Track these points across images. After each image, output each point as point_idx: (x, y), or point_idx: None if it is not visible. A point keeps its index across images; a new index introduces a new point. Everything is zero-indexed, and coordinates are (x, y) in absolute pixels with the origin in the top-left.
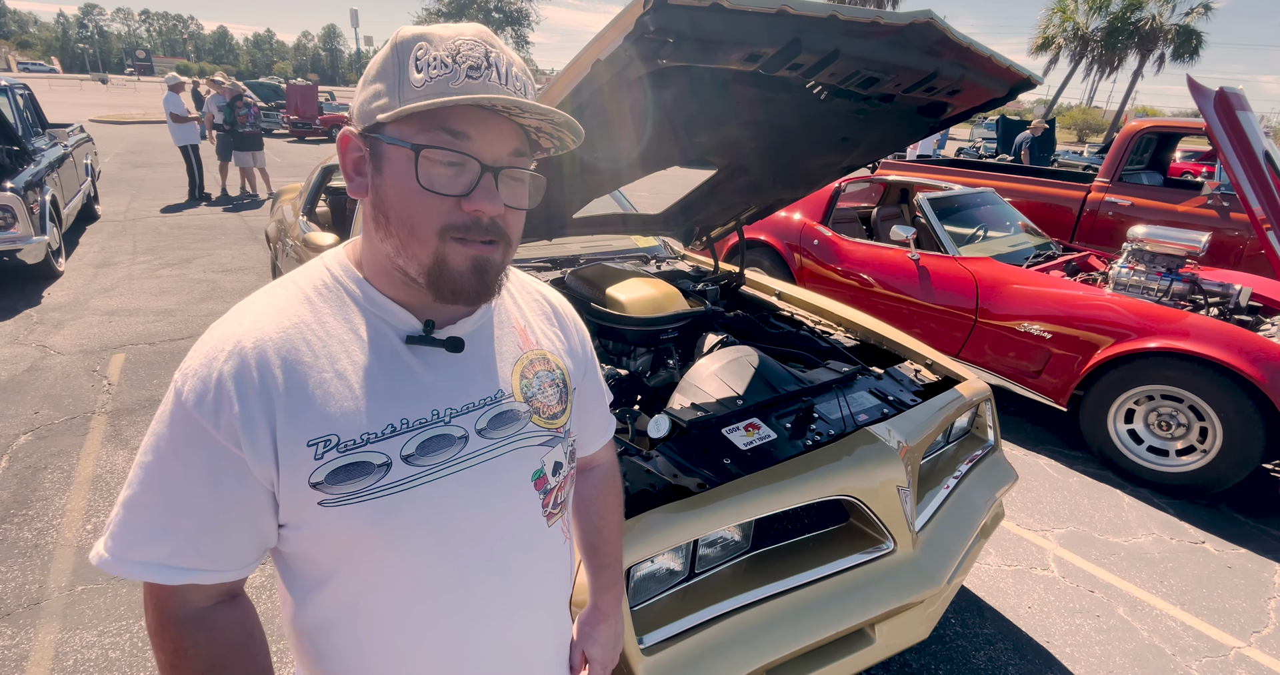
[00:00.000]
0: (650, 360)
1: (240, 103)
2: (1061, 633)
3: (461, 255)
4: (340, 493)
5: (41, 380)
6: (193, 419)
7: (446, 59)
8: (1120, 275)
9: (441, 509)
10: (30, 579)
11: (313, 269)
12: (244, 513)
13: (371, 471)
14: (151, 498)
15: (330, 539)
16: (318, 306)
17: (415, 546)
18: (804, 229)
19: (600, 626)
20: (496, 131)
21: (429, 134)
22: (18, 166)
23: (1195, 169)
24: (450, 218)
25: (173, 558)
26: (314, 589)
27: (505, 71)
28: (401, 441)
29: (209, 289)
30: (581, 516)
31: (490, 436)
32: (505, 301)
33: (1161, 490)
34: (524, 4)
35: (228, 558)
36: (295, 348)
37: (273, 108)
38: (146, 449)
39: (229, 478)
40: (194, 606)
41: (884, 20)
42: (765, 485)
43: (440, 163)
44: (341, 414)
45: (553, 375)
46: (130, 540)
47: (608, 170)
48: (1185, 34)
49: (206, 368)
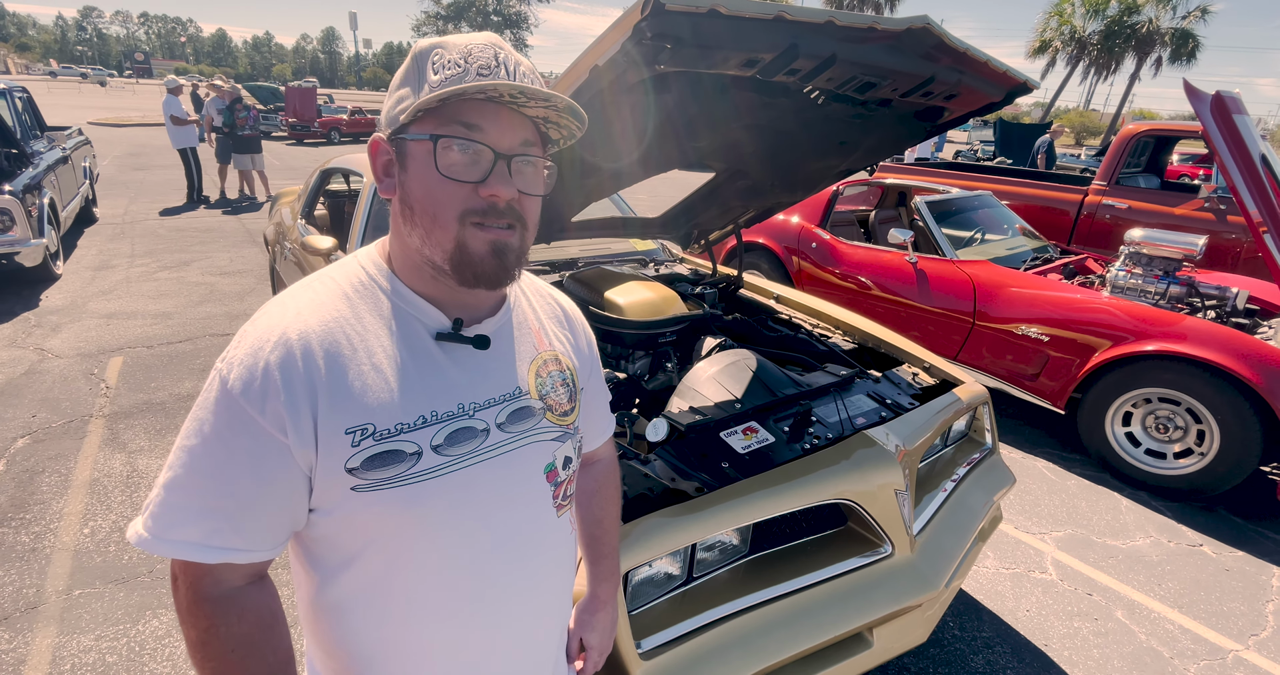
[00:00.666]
0: (648, 363)
1: (239, 106)
2: (1060, 636)
3: (480, 239)
4: (374, 478)
5: (39, 383)
6: (238, 405)
7: (459, 60)
8: (1118, 278)
9: (465, 497)
10: (28, 583)
11: (348, 267)
12: (282, 496)
13: (404, 459)
14: (194, 480)
15: (359, 523)
16: (355, 302)
17: (441, 531)
18: (802, 232)
19: (599, 614)
20: (507, 122)
21: (446, 127)
22: (16, 169)
23: (1192, 172)
24: (469, 203)
25: (211, 538)
26: (337, 571)
27: (514, 70)
28: (432, 432)
29: (207, 292)
30: (583, 508)
31: (509, 431)
32: (521, 304)
33: (1159, 493)
34: (523, 7)
35: (263, 538)
36: (336, 341)
37: (271, 110)
38: (190, 433)
39: (271, 462)
40: (228, 585)
41: (881, 26)
42: (763, 489)
43: (456, 152)
44: (378, 404)
45: (564, 375)
46: (171, 520)
47: (606, 173)
48: (1182, 37)
49: (253, 357)
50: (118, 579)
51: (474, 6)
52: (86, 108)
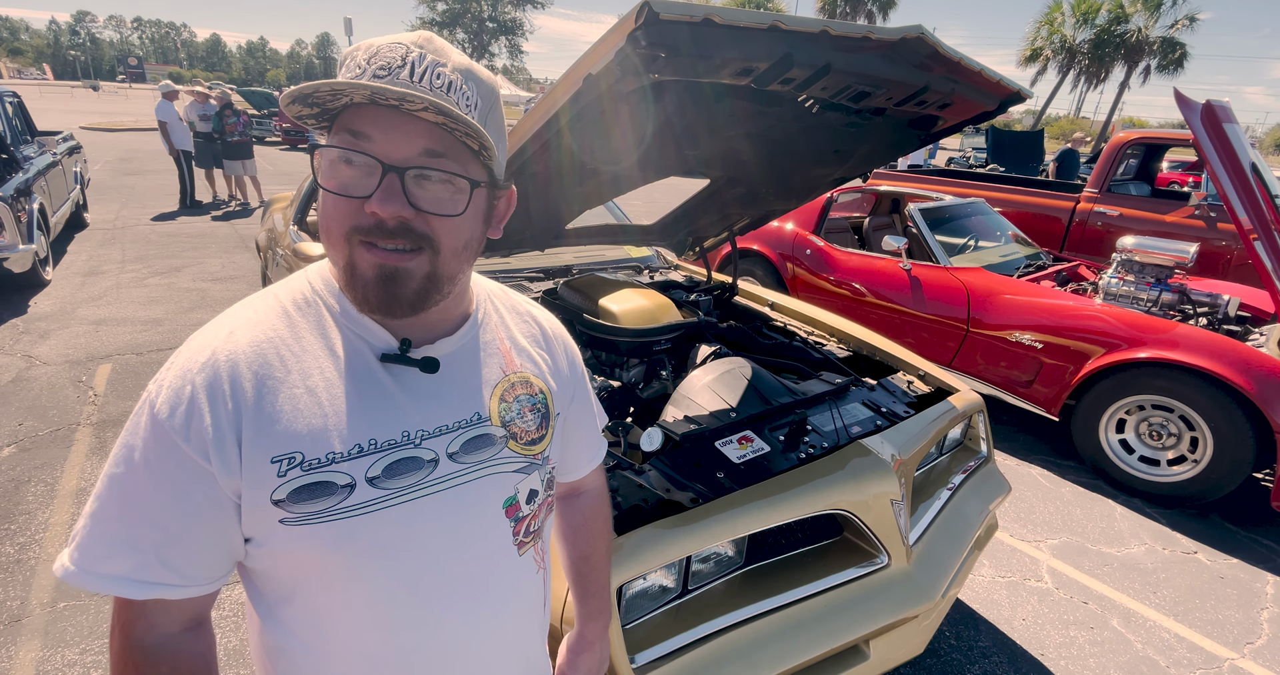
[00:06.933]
0: (643, 371)
1: (229, 111)
2: (1056, 645)
3: (367, 261)
4: (302, 512)
5: (26, 391)
6: (163, 431)
7: (364, 61)
8: (1110, 285)
9: (405, 534)
10: (12, 595)
11: (295, 282)
12: (212, 527)
13: (335, 492)
14: (119, 510)
15: (290, 558)
16: (295, 321)
17: (375, 573)
18: (796, 239)
19: (584, 655)
20: (401, 131)
21: (335, 136)
22: (6, 174)
23: (1182, 179)
24: (355, 220)
25: (139, 572)
26: (275, 608)
27: (424, 71)
28: (368, 463)
29: (198, 298)
30: (569, 544)
31: (462, 461)
32: (492, 321)
33: (1153, 500)
34: (518, 13)
35: (195, 571)
36: (268, 362)
37: (265, 115)
38: (116, 460)
39: (197, 491)
40: (161, 632)
41: (875, 35)
42: (759, 500)
43: (344, 164)
44: (308, 431)
45: (534, 399)
46: (97, 553)
47: (601, 180)
48: (1170, 46)
49: (180, 379)
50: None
51: (469, 13)
52: (79, 112)
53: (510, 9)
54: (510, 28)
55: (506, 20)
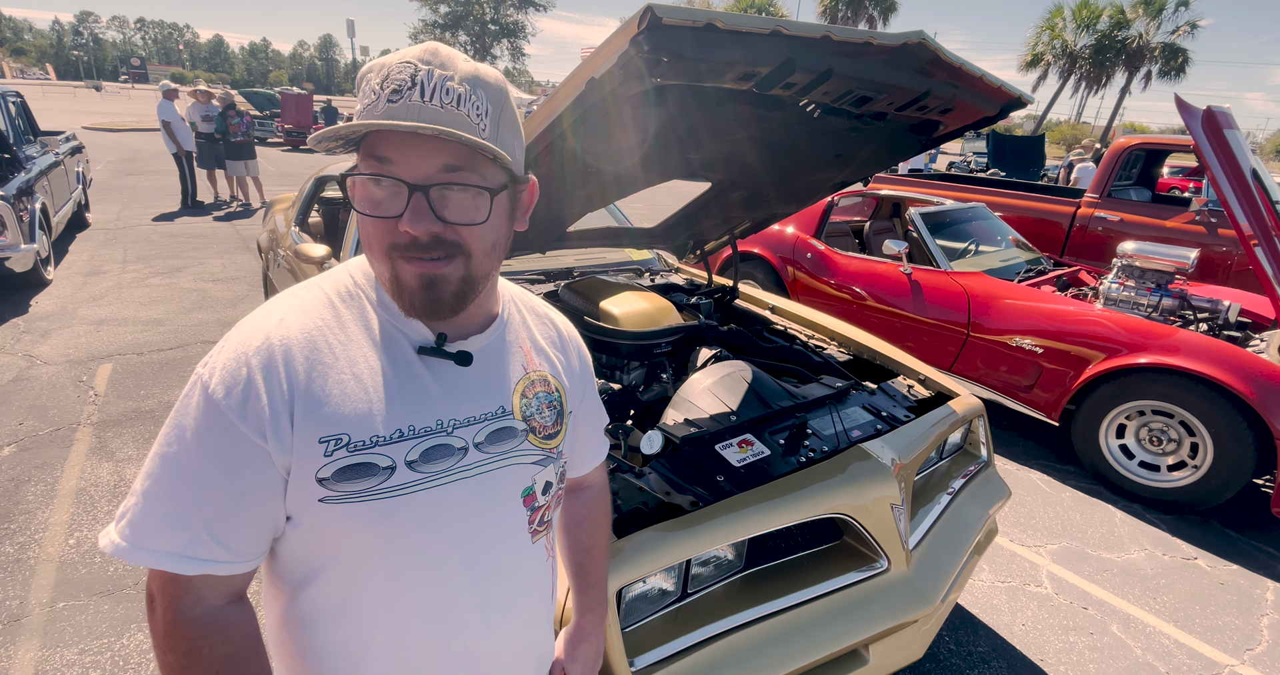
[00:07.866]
0: (643, 374)
1: (231, 112)
2: (1055, 651)
3: (409, 272)
4: (344, 491)
5: (27, 391)
6: (218, 410)
7: (376, 86)
8: (1110, 291)
9: (435, 516)
10: (11, 594)
11: (337, 275)
12: (260, 503)
13: (376, 473)
14: (174, 488)
15: (325, 536)
16: (340, 311)
17: (406, 550)
18: (797, 242)
19: (582, 645)
20: (417, 152)
21: (363, 162)
22: (8, 174)
23: (1182, 184)
24: (393, 238)
25: (190, 548)
26: (302, 585)
27: (433, 89)
28: (408, 447)
29: (199, 298)
30: (570, 536)
31: (487, 451)
32: (516, 321)
33: (1153, 505)
34: (520, 16)
35: (243, 547)
36: (318, 347)
37: (267, 116)
38: (168, 440)
39: (249, 469)
40: (209, 605)
41: (877, 41)
42: (759, 503)
43: (373, 186)
44: (355, 415)
45: (551, 397)
46: (148, 528)
47: (604, 183)
48: (1171, 51)
49: (235, 362)
50: (102, 591)
51: (471, 15)
52: (81, 112)
53: (512, 12)
54: (512, 30)
55: (508, 23)
